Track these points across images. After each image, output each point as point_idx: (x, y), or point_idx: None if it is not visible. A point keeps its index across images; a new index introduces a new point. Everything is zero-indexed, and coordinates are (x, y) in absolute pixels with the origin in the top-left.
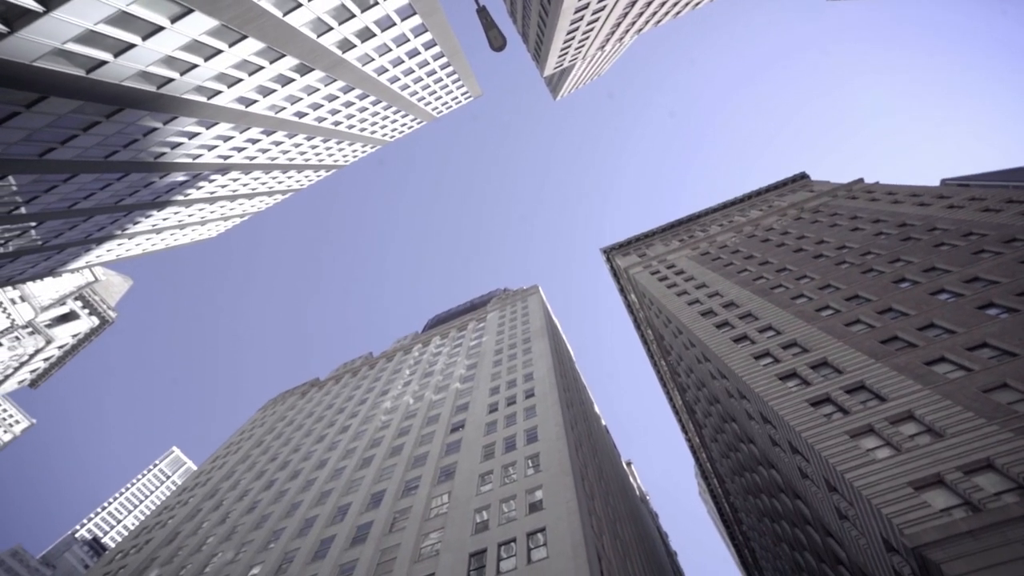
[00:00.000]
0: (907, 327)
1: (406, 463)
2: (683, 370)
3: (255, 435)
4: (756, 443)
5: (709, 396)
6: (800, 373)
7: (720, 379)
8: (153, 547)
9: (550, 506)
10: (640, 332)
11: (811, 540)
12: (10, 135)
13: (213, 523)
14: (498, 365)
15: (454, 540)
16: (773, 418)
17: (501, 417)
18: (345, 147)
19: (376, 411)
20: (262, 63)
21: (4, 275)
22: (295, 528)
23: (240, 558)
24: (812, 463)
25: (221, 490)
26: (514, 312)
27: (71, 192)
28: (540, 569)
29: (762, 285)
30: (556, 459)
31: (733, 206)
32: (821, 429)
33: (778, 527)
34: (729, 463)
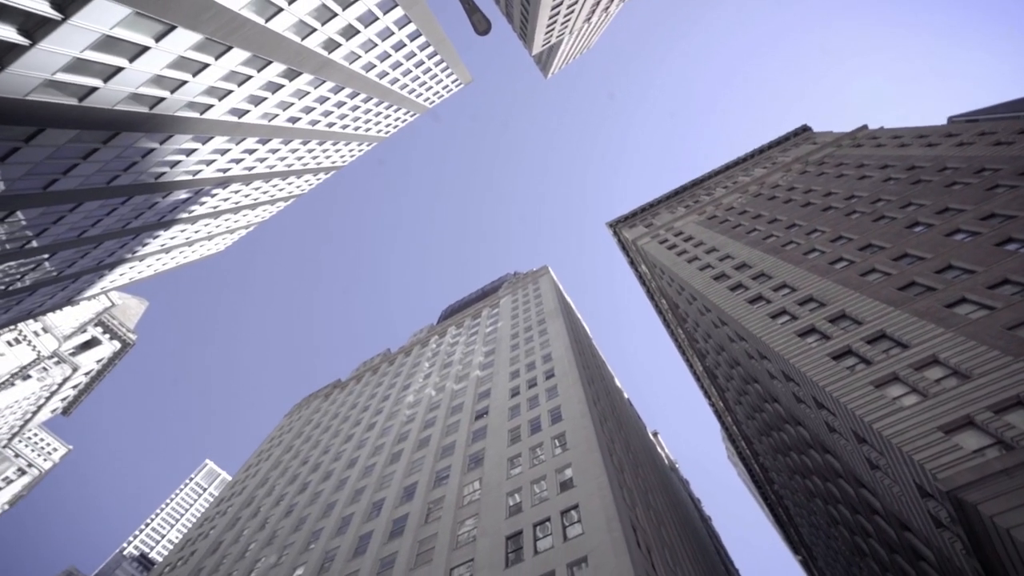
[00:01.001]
0: (924, 271)
1: (435, 454)
2: (701, 336)
3: (284, 441)
4: (780, 402)
5: (729, 359)
6: (819, 328)
7: (739, 341)
8: (199, 558)
9: (581, 483)
10: (654, 302)
11: (844, 493)
12: (13, 171)
13: (253, 530)
14: (515, 349)
15: (489, 525)
16: (795, 375)
17: (524, 400)
18: (341, 147)
19: (400, 406)
20: (250, 72)
21: (25, 309)
22: (333, 527)
23: (283, 561)
24: (839, 416)
25: (257, 497)
26: (526, 295)
27: (78, 221)
28: (577, 545)
29: (773, 243)
30: (582, 436)
31: (736, 167)
32: (845, 382)
33: (809, 483)
34: (755, 424)
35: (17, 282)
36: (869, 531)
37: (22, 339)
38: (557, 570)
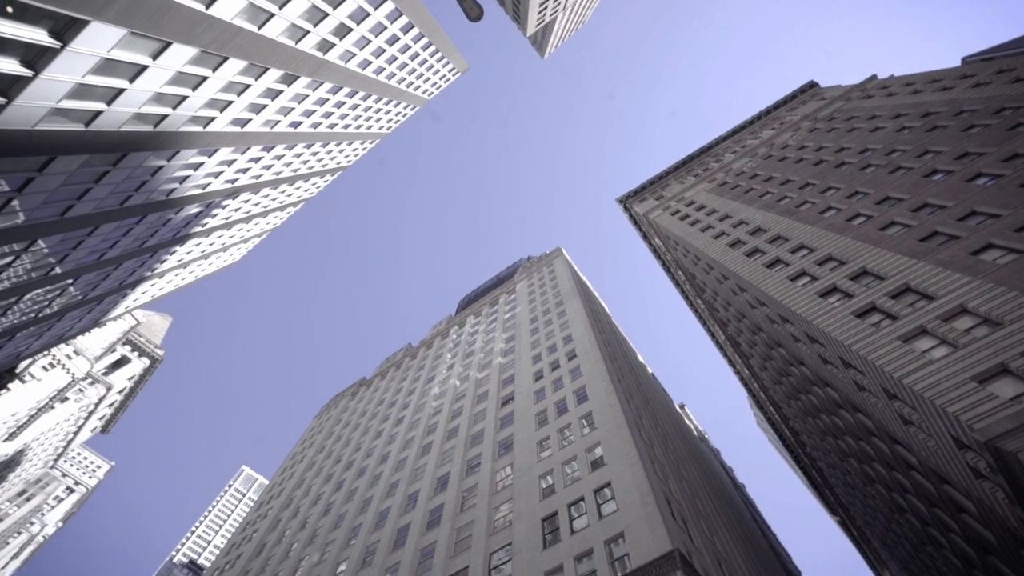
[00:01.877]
0: (946, 220)
1: (464, 443)
2: (720, 305)
3: (316, 442)
4: (807, 364)
5: (751, 326)
6: (840, 287)
7: (760, 307)
8: (245, 561)
9: (611, 460)
10: (671, 274)
11: (878, 450)
12: (31, 201)
13: (294, 530)
14: (535, 333)
15: (524, 508)
16: (820, 337)
17: (548, 383)
18: (345, 147)
19: (426, 399)
20: (248, 81)
21: (56, 334)
22: (371, 522)
23: (326, 558)
24: (867, 375)
25: (295, 498)
26: (542, 278)
27: (97, 244)
28: (612, 522)
29: (787, 205)
30: (609, 414)
31: (744, 130)
32: (871, 339)
33: (842, 443)
34: (782, 388)
35: (46, 308)
36: (907, 487)
37: (56, 363)
38: (595, 547)
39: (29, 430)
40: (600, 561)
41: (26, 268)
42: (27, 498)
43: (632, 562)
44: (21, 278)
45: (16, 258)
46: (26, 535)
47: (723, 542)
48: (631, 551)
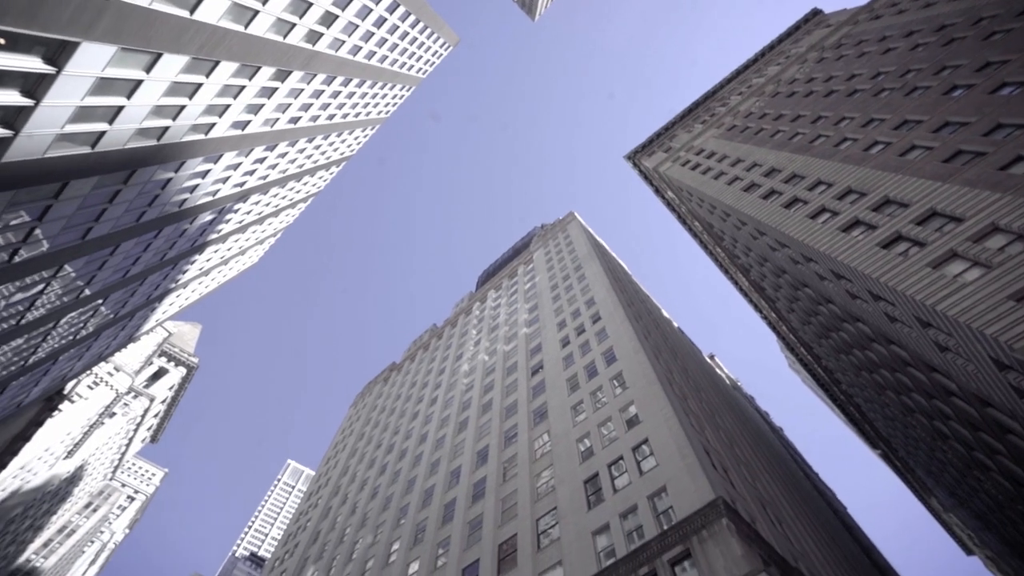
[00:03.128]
0: (970, 137)
1: (499, 415)
2: (741, 251)
3: (355, 429)
4: (835, 302)
5: (774, 269)
6: (863, 219)
7: (781, 249)
8: (302, 549)
9: (646, 417)
10: (687, 226)
11: (915, 380)
12: (52, 228)
13: (345, 516)
14: (557, 300)
15: (565, 473)
16: (846, 273)
17: (575, 348)
18: (347, 137)
19: (457, 376)
20: (242, 82)
21: (95, 353)
22: (418, 501)
23: (379, 539)
24: (898, 305)
25: (342, 485)
26: (557, 244)
27: (120, 263)
28: (653, 477)
29: (800, 142)
30: (639, 372)
31: (748, 69)
32: (899, 269)
33: (877, 377)
34: (812, 328)
35: (82, 330)
36: (948, 414)
37: (100, 382)
38: (638, 503)
39: (84, 446)
40: (645, 516)
41: (58, 293)
42: (93, 509)
43: (677, 514)
44: (55, 303)
45: (47, 285)
46: (99, 543)
47: (765, 486)
48: (675, 503)
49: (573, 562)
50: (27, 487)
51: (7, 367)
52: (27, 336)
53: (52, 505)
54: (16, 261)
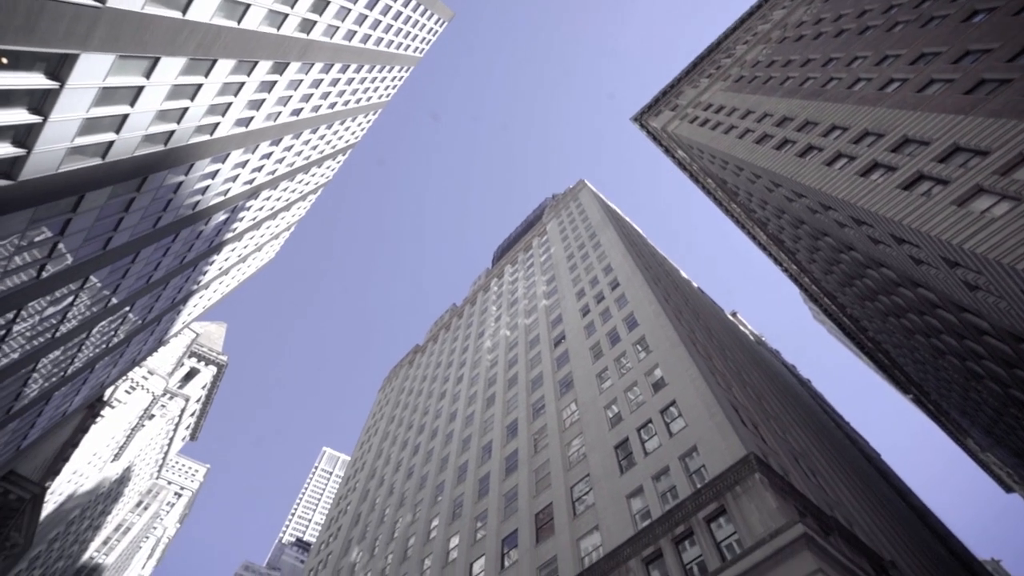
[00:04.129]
0: (994, 64)
1: (526, 388)
2: (757, 205)
3: (385, 413)
4: (857, 249)
5: (792, 220)
6: (882, 161)
7: (798, 199)
8: (345, 531)
9: (672, 379)
10: (700, 184)
11: (945, 322)
12: (74, 241)
13: (384, 497)
14: (574, 269)
15: (595, 440)
16: (867, 218)
17: (596, 316)
18: (350, 124)
19: (480, 353)
20: (241, 79)
21: (128, 359)
22: (453, 478)
23: (418, 517)
24: (923, 247)
25: (378, 468)
26: (570, 214)
27: (141, 269)
28: (683, 438)
29: (811, 87)
30: (662, 335)
31: (753, 16)
32: (923, 210)
33: (905, 321)
34: (834, 278)
35: (114, 338)
36: (980, 353)
37: (136, 386)
38: (670, 465)
39: (129, 449)
40: (678, 476)
41: (87, 304)
42: (144, 507)
43: (709, 472)
44: (85, 314)
45: (76, 297)
46: (153, 538)
47: (797, 439)
48: (706, 462)
49: (609, 526)
50: (81, 490)
51: (49, 378)
52: (63, 348)
53: (106, 505)
54: (44, 276)
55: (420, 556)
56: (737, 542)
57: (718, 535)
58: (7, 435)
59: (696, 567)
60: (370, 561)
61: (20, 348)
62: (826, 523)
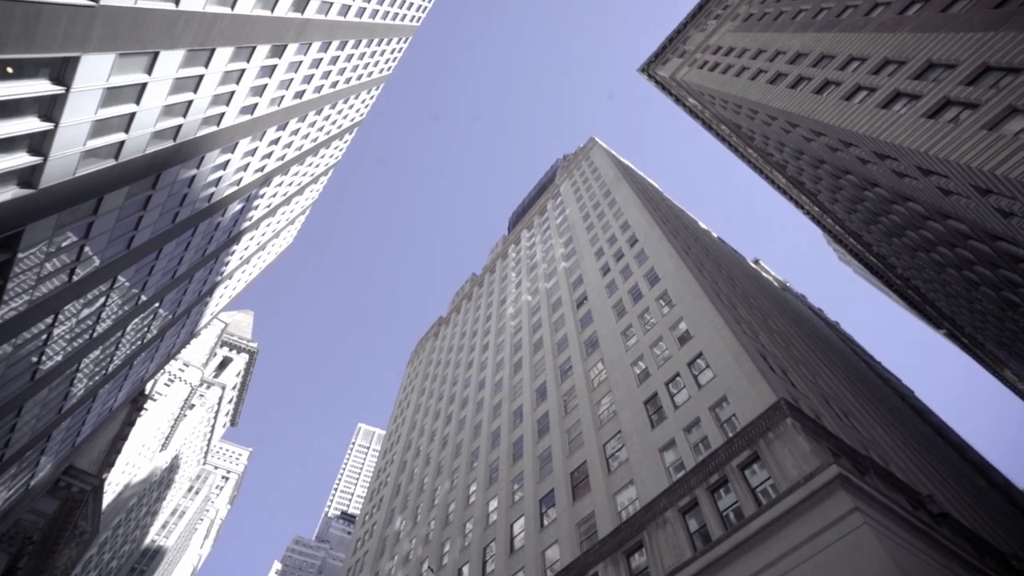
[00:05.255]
0: None
1: (551, 351)
2: (774, 148)
3: (415, 386)
4: (881, 184)
5: (812, 161)
6: (904, 90)
7: (817, 139)
8: (387, 502)
9: (697, 331)
10: (713, 131)
11: (978, 252)
12: (99, 243)
13: (421, 467)
14: (591, 229)
15: (624, 397)
16: (891, 151)
17: (616, 274)
18: (354, 102)
19: (504, 320)
20: (241, 66)
21: (163, 353)
22: (487, 444)
23: (456, 484)
24: (952, 176)
25: (413, 440)
26: (583, 173)
27: (166, 265)
28: (712, 388)
29: (825, 18)
30: (684, 288)
31: None
32: (951, 138)
33: (935, 255)
34: (858, 217)
35: (147, 334)
36: (1017, 282)
37: (174, 379)
38: (701, 416)
39: (175, 438)
40: (709, 427)
41: (118, 304)
42: (195, 492)
43: (740, 421)
44: (118, 313)
45: (107, 297)
46: (207, 520)
47: (827, 382)
48: (737, 411)
49: (644, 480)
50: (135, 480)
51: (92, 377)
52: (102, 347)
53: (160, 492)
54: (76, 280)
55: (461, 521)
56: (772, 487)
57: (752, 481)
58: (62, 433)
59: (732, 513)
60: (414, 528)
61: (62, 350)
62: (861, 463)
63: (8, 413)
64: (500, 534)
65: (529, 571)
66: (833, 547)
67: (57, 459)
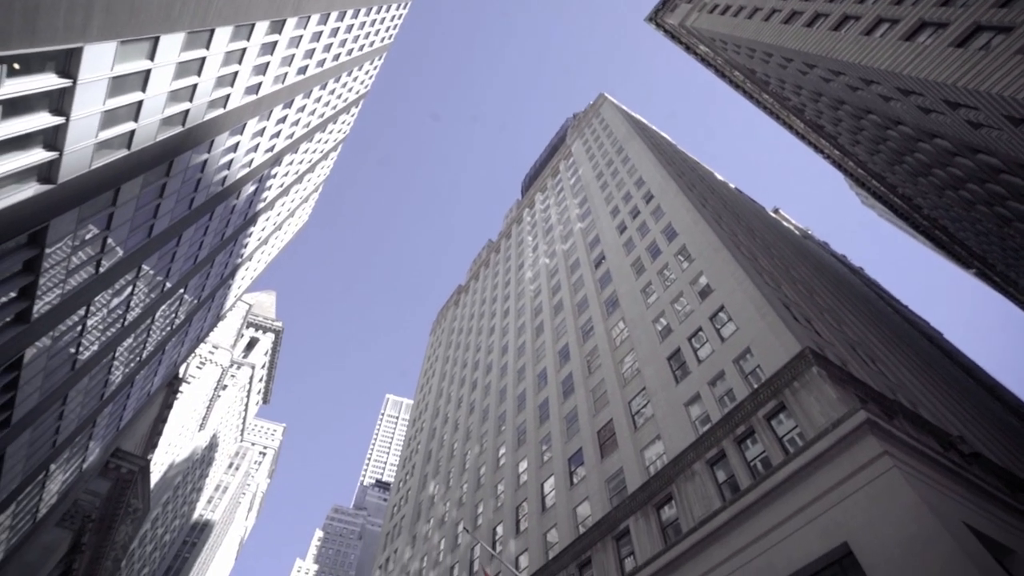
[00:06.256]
0: None
1: (572, 313)
2: (791, 91)
3: (439, 355)
4: (905, 122)
5: (831, 102)
6: (929, 19)
7: (836, 78)
8: (419, 468)
9: (718, 285)
10: (727, 78)
11: (1011, 186)
12: (121, 233)
13: (450, 433)
14: (606, 188)
15: (647, 354)
16: (915, 86)
17: (633, 231)
18: (357, 73)
19: (522, 284)
20: (242, 45)
21: (193, 338)
22: (513, 407)
23: (486, 448)
24: (983, 108)
25: (441, 407)
26: (594, 131)
27: (187, 251)
28: (735, 341)
29: None
30: (703, 242)
31: None
32: (981, 67)
33: (964, 193)
34: (882, 157)
35: (175, 319)
36: None
37: (205, 362)
38: (725, 369)
39: (211, 418)
40: (734, 379)
41: (145, 292)
42: (236, 468)
43: (765, 372)
44: (145, 301)
45: (134, 287)
46: (249, 494)
47: (852, 328)
48: (761, 362)
49: (671, 434)
50: (178, 459)
51: (128, 364)
52: (134, 335)
53: (203, 469)
54: (102, 271)
55: (492, 483)
56: (799, 435)
57: (779, 431)
58: (106, 418)
59: (760, 463)
60: (447, 492)
61: (97, 340)
62: (889, 407)
63: (55, 401)
64: (531, 494)
65: (561, 527)
66: (863, 491)
67: (104, 443)
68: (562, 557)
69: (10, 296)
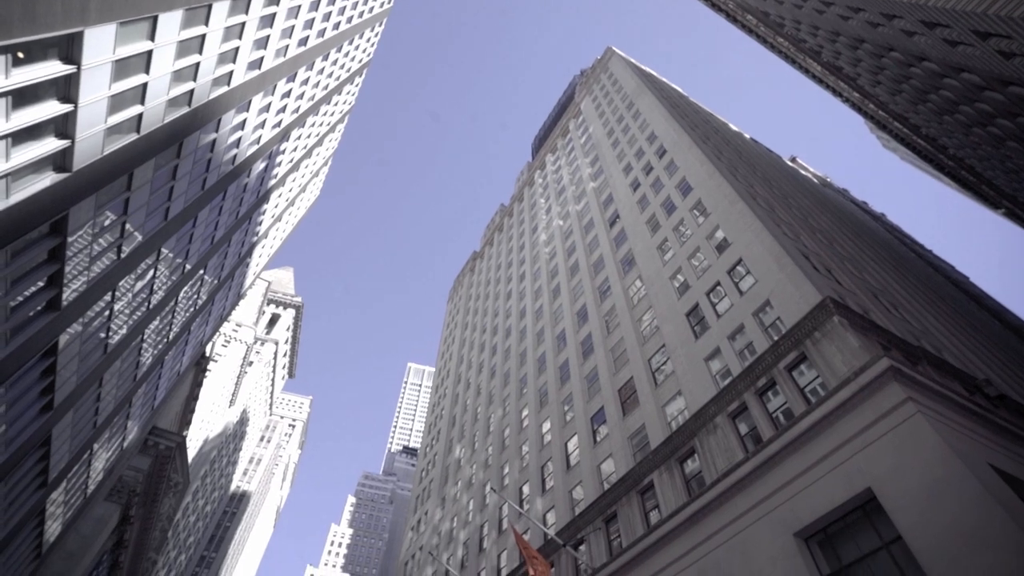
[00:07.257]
0: None
1: (588, 274)
2: (807, 33)
3: (458, 322)
4: (930, 57)
5: (850, 41)
6: None
7: (855, 15)
8: (445, 433)
9: (735, 238)
10: (741, 24)
11: None
12: (138, 218)
13: (473, 398)
14: (617, 145)
15: (665, 311)
16: (942, 17)
17: (647, 188)
18: (359, 42)
19: (537, 248)
20: (240, 19)
21: (216, 316)
22: (533, 370)
23: (508, 411)
24: (1015, 36)
25: (463, 373)
26: (603, 87)
27: (204, 231)
28: (754, 294)
29: None
30: (718, 194)
31: None
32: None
33: (994, 129)
34: (904, 97)
35: (198, 299)
36: None
37: (230, 340)
38: (744, 322)
39: (240, 394)
40: (754, 332)
41: (166, 275)
42: (267, 441)
43: (785, 323)
44: (167, 284)
45: (155, 270)
46: (282, 465)
47: (874, 276)
48: (781, 314)
49: (692, 389)
50: (212, 434)
51: (156, 346)
52: (159, 317)
53: (236, 443)
54: (124, 256)
55: (517, 444)
56: (821, 385)
57: (801, 382)
58: (140, 398)
59: (782, 415)
60: (473, 455)
61: (125, 324)
62: (913, 353)
63: (92, 384)
64: (555, 453)
65: (586, 484)
66: (887, 437)
67: (141, 422)
68: (588, 513)
69: (39, 285)
